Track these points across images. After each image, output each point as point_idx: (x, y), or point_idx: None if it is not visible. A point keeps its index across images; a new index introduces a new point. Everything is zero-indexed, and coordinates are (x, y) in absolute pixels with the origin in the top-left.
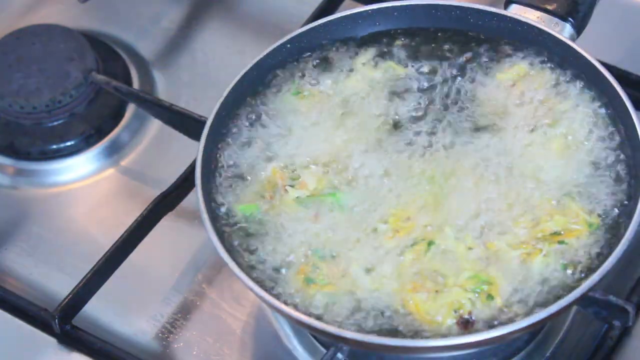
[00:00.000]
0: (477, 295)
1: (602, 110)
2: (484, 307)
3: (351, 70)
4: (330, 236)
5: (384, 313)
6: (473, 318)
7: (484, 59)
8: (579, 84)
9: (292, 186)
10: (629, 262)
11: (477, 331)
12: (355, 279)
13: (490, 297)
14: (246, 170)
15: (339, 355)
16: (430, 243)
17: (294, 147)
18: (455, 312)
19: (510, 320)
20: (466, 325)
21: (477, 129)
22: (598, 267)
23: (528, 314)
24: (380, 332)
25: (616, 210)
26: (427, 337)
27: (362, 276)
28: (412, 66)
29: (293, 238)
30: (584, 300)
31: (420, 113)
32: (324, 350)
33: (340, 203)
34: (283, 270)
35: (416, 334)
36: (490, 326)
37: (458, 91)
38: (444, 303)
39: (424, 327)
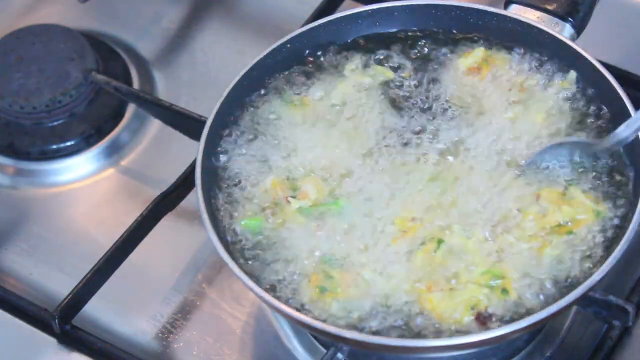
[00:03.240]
0: (492, 290)
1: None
2: (499, 301)
3: (341, 76)
4: (337, 243)
5: (402, 315)
6: (490, 313)
7: (479, 58)
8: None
9: (293, 197)
10: (629, 262)
11: (477, 331)
12: (369, 284)
13: (505, 291)
14: (245, 185)
15: (339, 355)
16: (439, 241)
17: (291, 157)
18: (473, 308)
19: (527, 314)
20: (485, 321)
21: (472, 124)
22: (601, 263)
23: (543, 306)
24: (401, 334)
25: (620, 202)
26: (440, 336)
27: (375, 280)
28: (401, 69)
29: (301, 248)
30: (584, 300)
31: (413, 114)
32: (324, 350)
33: (343, 210)
34: (296, 282)
35: (437, 334)
36: (508, 320)
37: (452, 89)
38: (460, 300)
39: (442, 325)
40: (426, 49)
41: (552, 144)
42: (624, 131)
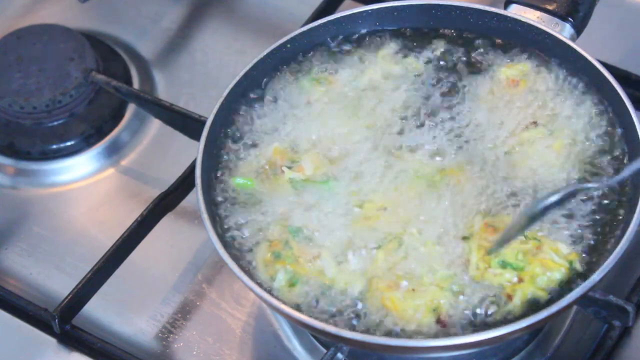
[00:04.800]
0: (453, 294)
1: (601, 110)
2: (459, 306)
3: (371, 62)
4: (311, 221)
5: (351, 306)
6: (452, 316)
7: (491, 58)
8: (579, 85)
9: (289, 168)
10: (629, 262)
11: (476, 331)
12: (323, 267)
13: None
14: (248, 147)
15: (339, 355)
16: (400, 242)
17: (299, 131)
18: (434, 310)
19: (485, 324)
20: (446, 324)
21: (487, 137)
22: (601, 263)
23: (505, 319)
24: (345, 325)
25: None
26: (409, 336)
27: (330, 265)
28: (434, 64)
29: (275, 214)
30: (584, 300)
31: (433, 111)
32: (324, 350)
33: (331, 191)
34: (256, 242)
35: (382, 328)
36: (468, 327)
37: (465, 92)
38: (421, 303)
39: (400, 323)
40: (467, 51)
41: (569, 191)
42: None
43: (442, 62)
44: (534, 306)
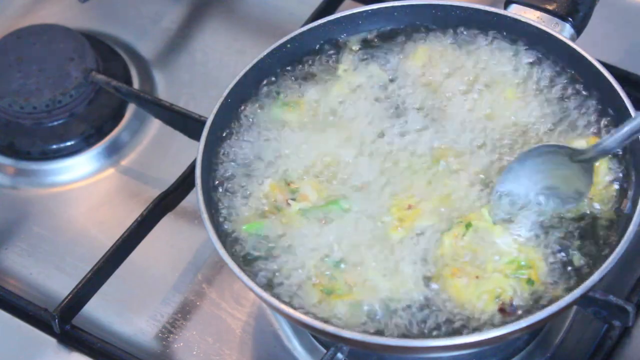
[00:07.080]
0: (518, 281)
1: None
2: (524, 292)
3: (335, 77)
4: (342, 245)
5: (411, 309)
6: (515, 305)
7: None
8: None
9: (293, 199)
10: (629, 262)
11: (477, 331)
12: (375, 283)
13: (530, 282)
14: (245, 189)
15: (339, 355)
16: (468, 225)
17: (288, 160)
18: (498, 299)
19: (553, 301)
20: (509, 312)
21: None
22: (601, 263)
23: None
24: (410, 332)
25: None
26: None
27: (381, 279)
28: (391, 66)
29: (303, 250)
30: (584, 300)
31: (405, 111)
32: (324, 350)
33: (344, 210)
34: (299, 284)
35: (454, 325)
36: (533, 310)
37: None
38: (485, 290)
39: (464, 313)
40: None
41: (537, 146)
42: (608, 141)
43: (396, 63)
44: None
